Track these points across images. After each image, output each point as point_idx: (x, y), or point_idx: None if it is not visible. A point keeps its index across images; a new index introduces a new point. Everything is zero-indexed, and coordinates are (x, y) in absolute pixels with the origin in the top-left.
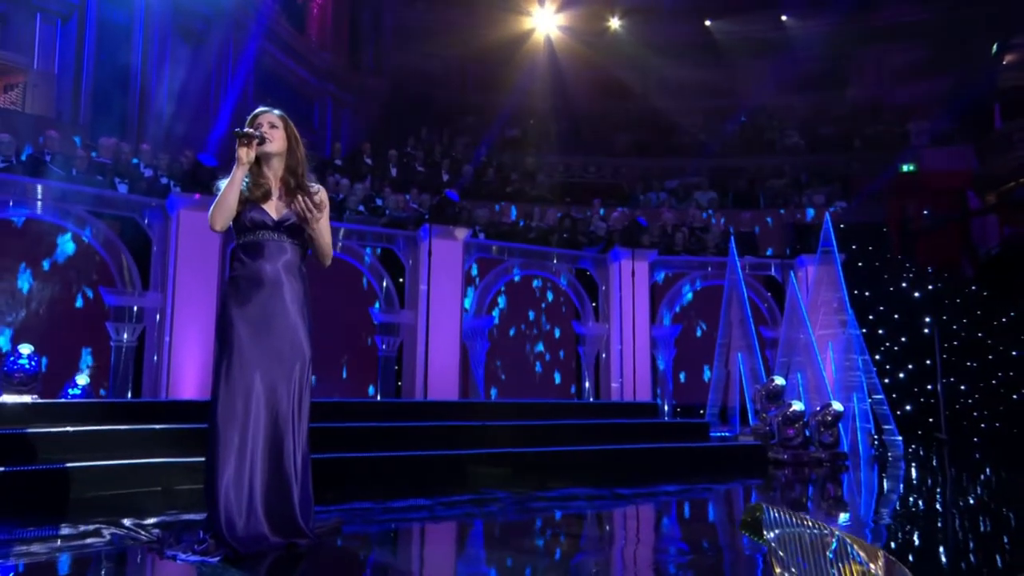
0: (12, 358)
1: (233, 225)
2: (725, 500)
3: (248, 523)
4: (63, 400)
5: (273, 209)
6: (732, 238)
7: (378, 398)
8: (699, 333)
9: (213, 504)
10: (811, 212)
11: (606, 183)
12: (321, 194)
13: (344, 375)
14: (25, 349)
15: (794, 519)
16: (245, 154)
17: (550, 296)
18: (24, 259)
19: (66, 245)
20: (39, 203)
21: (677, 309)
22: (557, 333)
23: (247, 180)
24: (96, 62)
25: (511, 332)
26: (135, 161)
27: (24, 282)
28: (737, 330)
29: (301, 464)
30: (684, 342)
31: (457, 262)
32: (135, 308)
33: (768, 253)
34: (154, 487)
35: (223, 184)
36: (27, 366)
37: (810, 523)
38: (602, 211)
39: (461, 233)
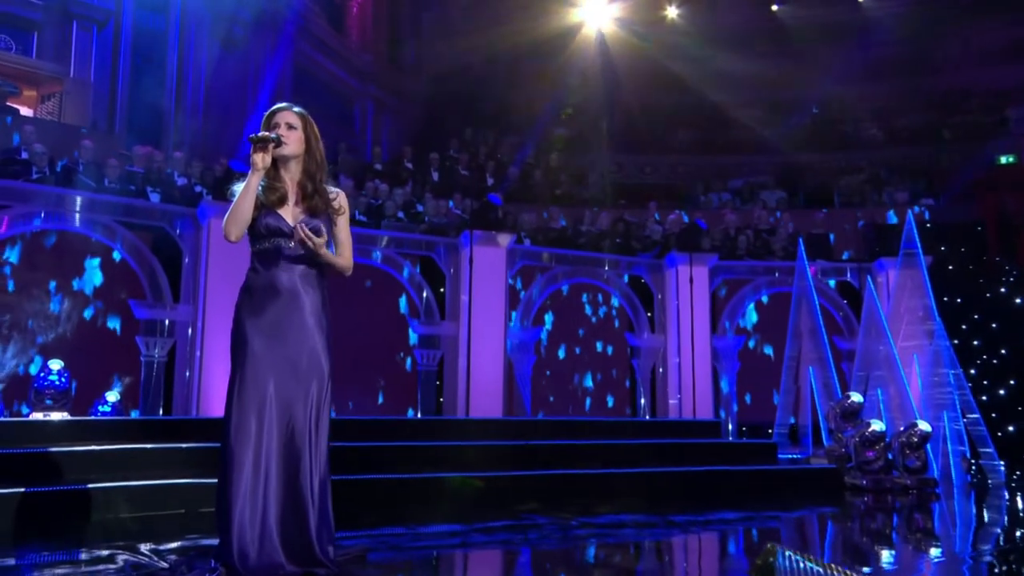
0: (42, 374)
1: (248, 232)
2: (795, 530)
3: (262, 551)
4: (92, 418)
5: (289, 215)
6: (800, 240)
7: (418, 415)
8: (766, 345)
9: (226, 529)
10: (892, 212)
11: (663, 184)
12: (340, 199)
13: (381, 392)
14: (55, 365)
15: (818, 567)
16: (260, 160)
17: (601, 306)
18: (54, 272)
19: (95, 257)
20: (69, 215)
21: (740, 319)
22: (609, 346)
23: (262, 184)
24: (132, 69)
25: (559, 345)
26: (170, 171)
27: (54, 295)
28: (808, 341)
29: (319, 486)
30: (749, 355)
31: (500, 270)
32: (166, 322)
33: (844, 257)
34: (177, 509)
35: (238, 189)
36: (57, 382)
37: (837, 571)
38: (657, 215)
39: (504, 239)
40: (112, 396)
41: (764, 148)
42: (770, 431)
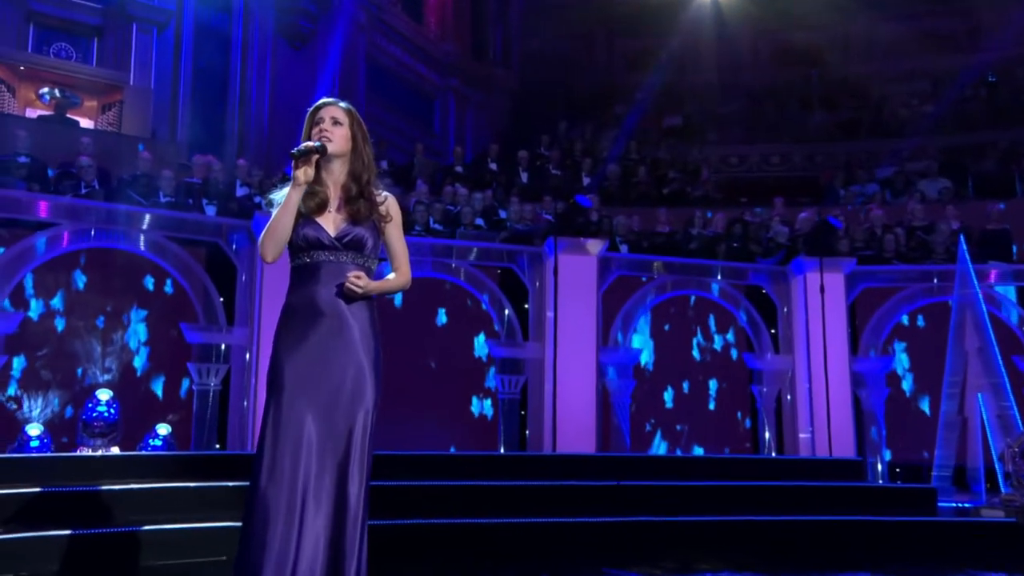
0: (90, 404)
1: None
2: None
3: None
4: (142, 453)
5: (331, 223)
6: (962, 239)
7: (501, 451)
8: (924, 367)
9: None
10: None
11: (795, 176)
12: (388, 203)
13: (458, 425)
14: (103, 395)
15: None
16: (303, 174)
17: (714, 322)
18: (97, 293)
19: (145, 276)
20: (117, 231)
21: (888, 335)
22: (725, 370)
23: None
24: (193, 73)
25: (664, 368)
26: (231, 180)
27: (98, 318)
28: (975, 362)
29: (360, 533)
30: (901, 379)
31: (590, 282)
32: (221, 347)
33: None
34: (218, 556)
35: (277, 198)
36: (106, 414)
37: None
38: (783, 214)
39: (595, 246)
40: (163, 429)
41: (923, 128)
42: (931, 473)
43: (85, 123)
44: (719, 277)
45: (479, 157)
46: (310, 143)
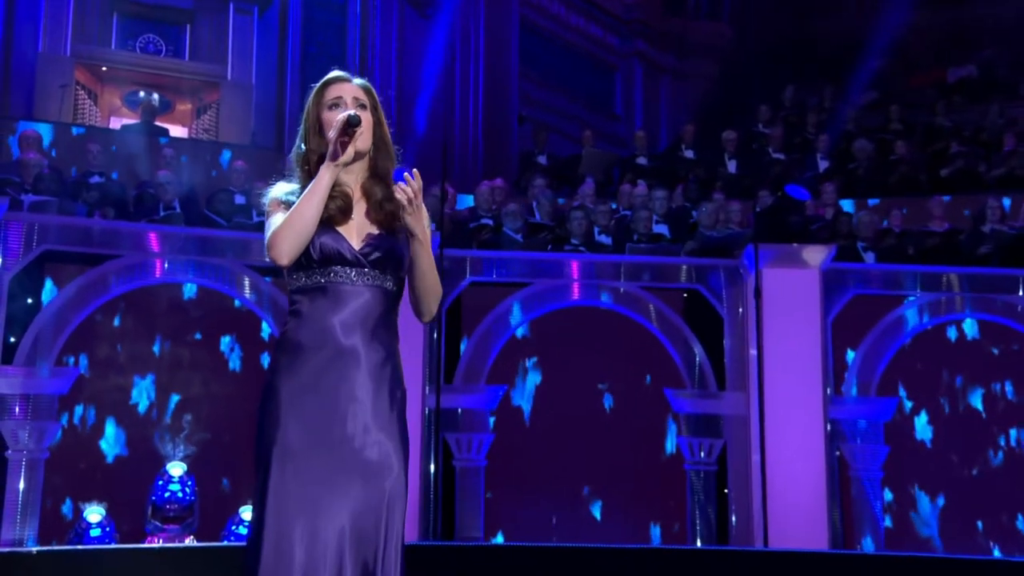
0: (160, 482)
1: None
2: None
3: None
4: (224, 544)
5: (353, 232)
6: None
7: (698, 544)
8: None
9: None
10: None
11: None
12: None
13: (625, 503)
14: (176, 470)
15: None
16: (347, 152)
17: (1012, 360)
18: (172, 343)
19: (225, 319)
20: (193, 262)
21: None
22: None
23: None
24: (302, 59)
25: (934, 427)
26: None
27: (169, 374)
28: None
29: None
30: None
31: (811, 305)
32: None
33: None
34: None
35: (276, 193)
36: (180, 494)
37: None
38: None
39: (815, 255)
40: (248, 513)
41: None
42: None
43: (177, 131)
44: (1022, 292)
45: (672, 144)
46: (353, 112)
